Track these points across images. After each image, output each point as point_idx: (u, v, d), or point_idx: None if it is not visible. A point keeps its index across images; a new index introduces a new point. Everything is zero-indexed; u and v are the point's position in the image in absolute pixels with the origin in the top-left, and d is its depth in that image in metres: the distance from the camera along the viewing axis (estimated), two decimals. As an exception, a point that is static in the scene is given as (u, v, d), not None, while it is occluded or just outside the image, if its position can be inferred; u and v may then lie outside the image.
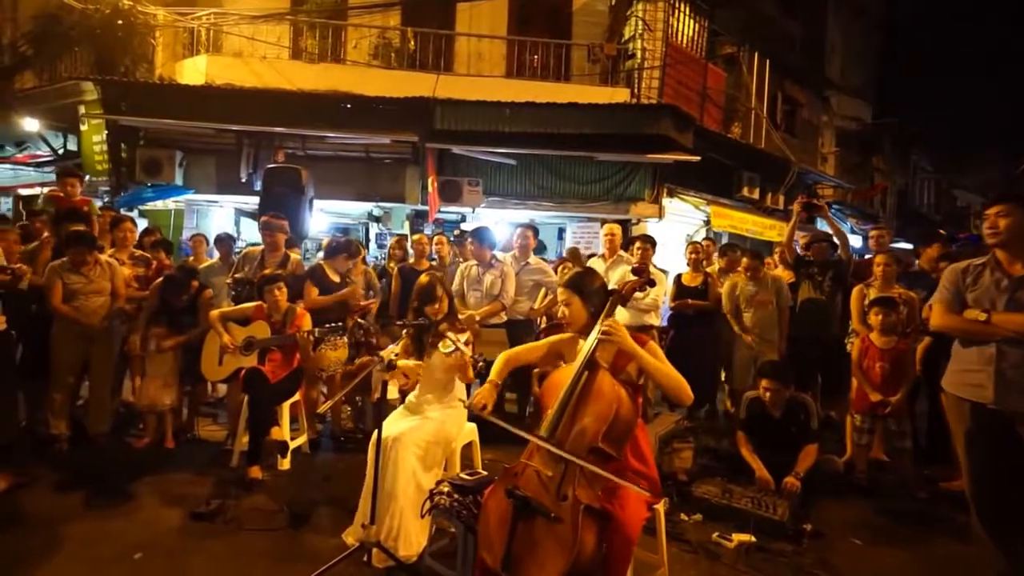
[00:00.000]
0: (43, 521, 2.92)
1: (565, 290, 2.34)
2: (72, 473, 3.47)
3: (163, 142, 7.81)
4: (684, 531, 3.03)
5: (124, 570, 2.54)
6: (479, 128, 7.09)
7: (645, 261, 4.33)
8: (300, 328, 3.76)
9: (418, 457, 2.77)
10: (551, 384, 2.27)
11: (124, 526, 2.91)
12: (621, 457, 2.17)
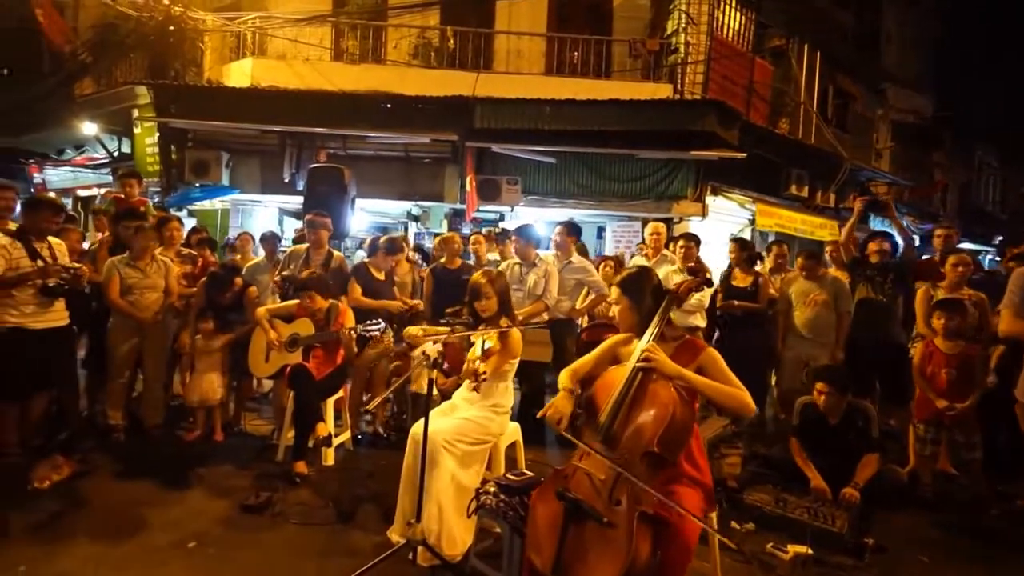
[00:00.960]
0: (103, 508, 3.03)
1: (616, 290, 2.27)
2: (128, 463, 3.59)
3: (210, 143, 8.07)
4: (736, 541, 2.91)
5: (180, 558, 2.60)
6: (518, 126, 7.05)
7: (690, 259, 4.19)
8: (343, 325, 3.80)
9: (456, 456, 2.74)
10: (603, 385, 2.20)
11: (178, 515, 2.99)
12: (676, 463, 2.09)
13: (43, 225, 3.61)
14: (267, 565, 2.59)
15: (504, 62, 8.28)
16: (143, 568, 2.50)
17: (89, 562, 2.52)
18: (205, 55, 8.78)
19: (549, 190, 7.72)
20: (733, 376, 2.14)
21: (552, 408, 2.11)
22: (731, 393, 2.09)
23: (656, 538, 1.90)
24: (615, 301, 2.26)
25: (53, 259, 3.58)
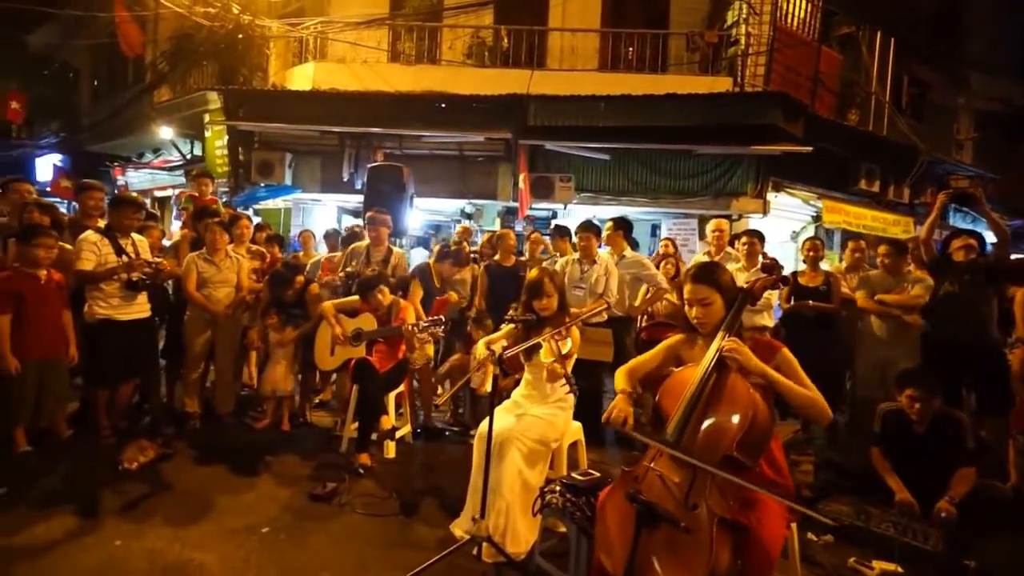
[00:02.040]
0: (183, 490, 3.20)
1: (702, 286, 2.15)
2: (204, 449, 3.78)
3: (275, 145, 8.41)
4: (814, 553, 2.75)
5: (254, 542, 2.71)
6: (572, 123, 6.98)
7: (754, 257, 4.00)
8: (404, 321, 3.85)
9: (523, 454, 2.73)
10: (673, 386, 2.11)
11: (251, 501, 3.11)
12: (756, 467, 1.99)
13: (126, 222, 3.86)
14: (336, 553, 2.65)
15: (558, 59, 8.22)
16: (222, 549, 2.62)
17: (175, 541, 2.66)
18: (270, 60, 9.17)
19: (602, 187, 7.60)
20: (808, 380, 2.03)
21: (615, 410, 2.06)
22: (812, 398, 1.98)
23: (736, 546, 1.82)
24: (702, 299, 2.15)
25: (136, 255, 3.83)
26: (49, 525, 2.74)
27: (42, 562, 2.46)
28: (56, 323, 3.53)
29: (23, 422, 3.43)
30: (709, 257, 4.43)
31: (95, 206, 4.21)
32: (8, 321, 3.29)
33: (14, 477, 3.16)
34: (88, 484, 3.17)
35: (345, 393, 4.19)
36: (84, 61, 14.20)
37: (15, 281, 3.34)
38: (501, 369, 2.70)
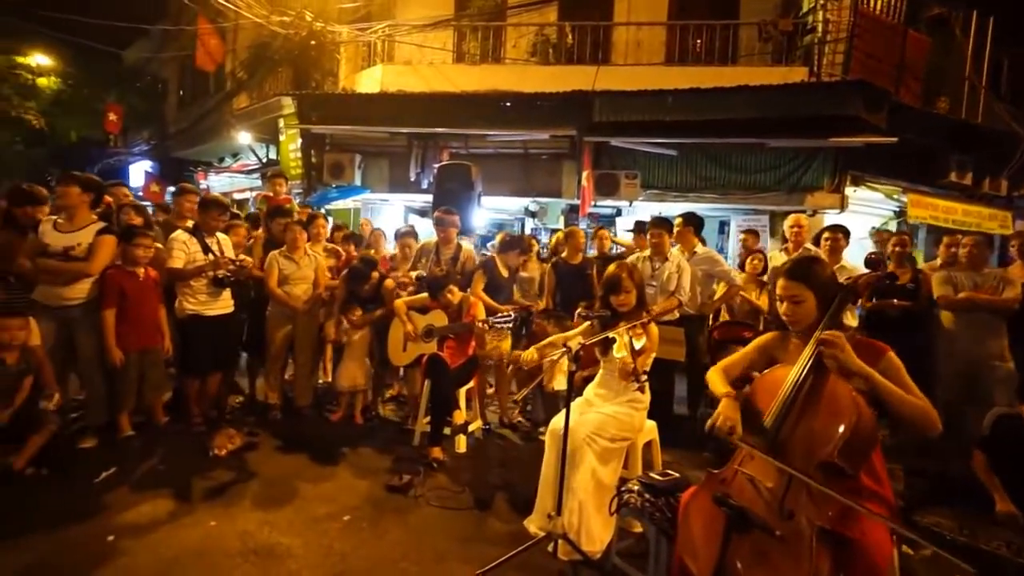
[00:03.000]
0: (268, 477, 3.37)
1: (793, 283, 2.04)
2: (285, 439, 3.96)
3: (345, 147, 8.74)
4: (913, 569, 2.56)
5: (337, 529, 2.82)
6: (638, 119, 6.83)
7: (837, 254, 3.77)
8: (474, 317, 3.90)
9: (597, 452, 2.70)
10: (766, 387, 2.01)
11: (331, 490, 3.24)
12: (857, 476, 1.87)
13: (212, 223, 4.10)
14: (414, 544, 2.71)
15: (623, 54, 8.07)
16: (307, 535, 2.74)
17: (264, 524, 2.81)
18: (341, 65, 9.52)
19: (669, 183, 7.41)
20: (916, 387, 1.87)
21: (721, 417, 1.93)
22: (922, 408, 1.82)
23: (838, 560, 1.71)
24: (793, 297, 2.04)
25: (221, 253, 4.06)
26: (152, 504, 2.97)
27: (148, 538, 2.66)
28: (153, 317, 3.79)
29: (127, 408, 3.73)
30: (786, 254, 4.22)
31: (190, 208, 4.50)
32: (113, 315, 3.56)
33: (119, 459, 3.44)
34: (183, 468, 3.40)
35: (416, 388, 4.30)
36: (171, 73, 15.33)
37: (118, 278, 3.61)
38: (576, 364, 2.69)
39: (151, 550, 2.56)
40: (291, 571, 2.45)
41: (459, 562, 2.59)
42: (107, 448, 3.59)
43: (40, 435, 3.17)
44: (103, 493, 3.07)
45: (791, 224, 4.28)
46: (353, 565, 2.52)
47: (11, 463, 3.09)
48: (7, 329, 3.09)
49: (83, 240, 3.53)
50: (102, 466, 3.32)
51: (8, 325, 3.10)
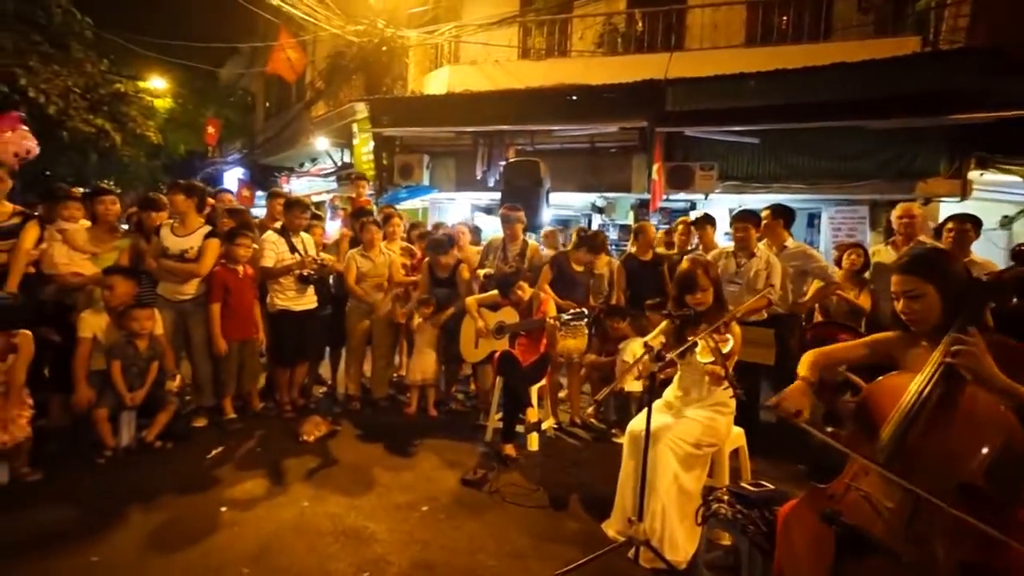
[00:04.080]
0: (352, 465, 3.51)
1: (910, 276, 1.82)
2: (365, 429, 4.12)
3: (414, 148, 8.97)
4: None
5: (416, 519, 2.88)
6: (715, 106, 6.50)
7: (965, 247, 3.36)
8: (545, 314, 3.86)
9: (679, 457, 2.58)
10: (885, 391, 1.79)
11: (410, 480, 3.32)
12: (1013, 504, 1.61)
13: (296, 221, 4.35)
14: (491, 539, 2.72)
15: (698, 38, 7.73)
16: (389, 521, 2.82)
17: (351, 509, 2.93)
18: (410, 69, 9.79)
19: (750, 174, 6.97)
20: None
21: (788, 399, 1.80)
22: None
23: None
24: (911, 292, 1.82)
25: (304, 252, 4.30)
26: (254, 482, 3.20)
27: (252, 512, 2.86)
28: (250, 310, 4.10)
29: (229, 393, 4.05)
30: (894, 248, 3.83)
31: (279, 210, 4.82)
32: (218, 308, 3.89)
33: (225, 438, 3.77)
34: (277, 450, 3.65)
35: (487, 385, 4.32)
36: (259, 87, 16.47)
37: (222, 275, 3.93)
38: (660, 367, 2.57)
39: (255, 523, 2.75)
40: (377, 555, 2.54)
41: (536, 560, 2.56)
42: (215, 428, 3.94)
43: (166, 412, 3.59)
44: (214, 468, 3.37)
45: (900, 214, 3.85)
46: (434, 554, 2.57)
47: (145, 436, 3.54)
48: (138, 320, 3.48)
49: (194, 244, 3.91)
50: (212, 444, 3.68)
51: (139, 316, 3.48)
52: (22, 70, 7.46)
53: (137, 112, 9.89)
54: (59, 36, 8.47)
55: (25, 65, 7.56)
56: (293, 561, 2.45)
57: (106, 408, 3.38)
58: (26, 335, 3.07)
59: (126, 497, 2.93)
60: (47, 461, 3.21)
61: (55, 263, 3.63)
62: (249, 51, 13.96)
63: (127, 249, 3.92)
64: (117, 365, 3.42)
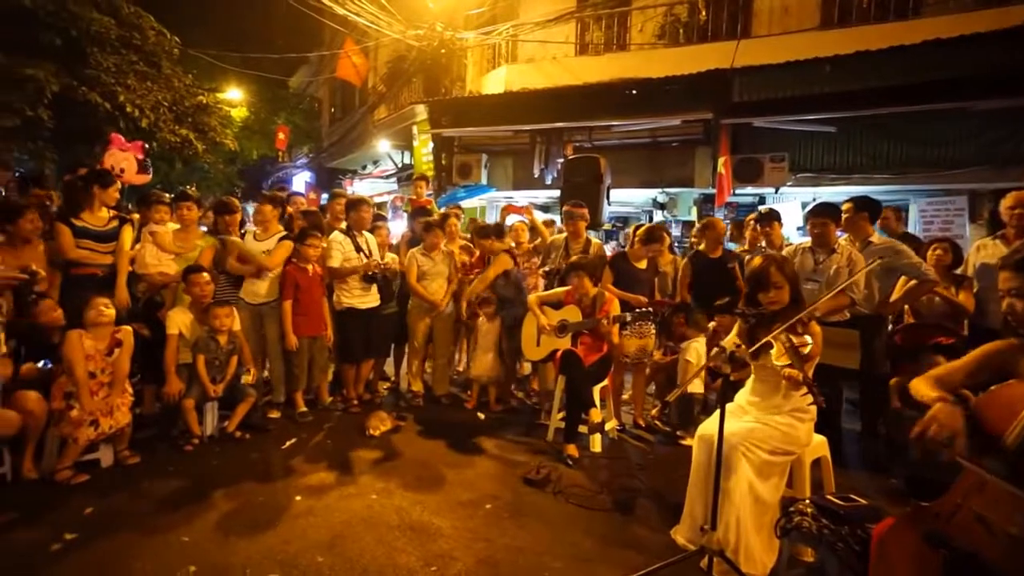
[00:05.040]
0: (416, 460, 3.57)
1: (1018, 274, 1.64)
2: (427, 425, 4.18)
3: (472, 148, 9.07)
4: None
5: (480, 516, 2.89)
6: (786, 94, 6.14)
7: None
8: (607, 313, 3.77)
9: (755, 465, 2.44)
10: (999, 402, 1.62)
11: (472, 477, 3.34)
12: None
13: (360, 220, 4.47)
14: (556, 540, 2.68)
15: (766, 24, 7.33)
16: (454, 519, 2.84)
17: (417, 504, 2.97)
18: (468, 69, 9.90)
19: (826, 164, 6.54)
20: None
21: (936, 423, 1.53)
22: None
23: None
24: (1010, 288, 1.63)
25: (368, 251, 4.41)
26: (325, 473, 3.32)
27: (324, 502, 2.96)
28: (319, 308, 4.25)
29: (300, 387, 4.23)
30: (1003, 242, 3.46)
31: (341, 210, 4.99)
32: (290, 305, 4.07)
33: (297, 431, 3.94)
34: (345, 443, 3.77)
35: (549, 384, 4.29)
36: (325, 93, 17.23)
37: (294, 273, 4.10)
38: (733, 369, 2.44)
39: (327, 513, 2.85)
40: (443, 550, 2.57)
41: (603, 564, 2.51)
42: (287, 421, 4.13)
43: (245, 404, 3.80)
44: (288, 458, 3.53)
45: (1011, 204, 3.45)
46: (498, 552, 2.56)
47: (226, 426, 3.77)
48: (218, 317, 3.71)
49: (271, 247, 4.14)
50: (285, 435, 3.85)
51: (219, 314, 3.71)
52: (122, 88, 8.15)
53: (217, 122, 10.60)
54: (152, 55, 9.20)
55: (124, 83, 8.27)
56: (363, 552, 2.52)
57: (193, 398, 3.61)
58: (128, 330, 3.35)
59: (211, 482, 3.12)
60: (142, 445, 3.48)
61: (145, 263, 3.93)
62: (316, 60, 14.63)
63: (208, 249, 4.17)
64: (201, 359, 3.65)
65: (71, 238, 3.61)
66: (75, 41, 7.84)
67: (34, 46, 7.41)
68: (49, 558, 2.41)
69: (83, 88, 7.75)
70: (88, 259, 3.68)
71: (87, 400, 3.08)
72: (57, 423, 3.07)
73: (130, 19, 8.89)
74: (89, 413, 3.07)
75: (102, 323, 3.22)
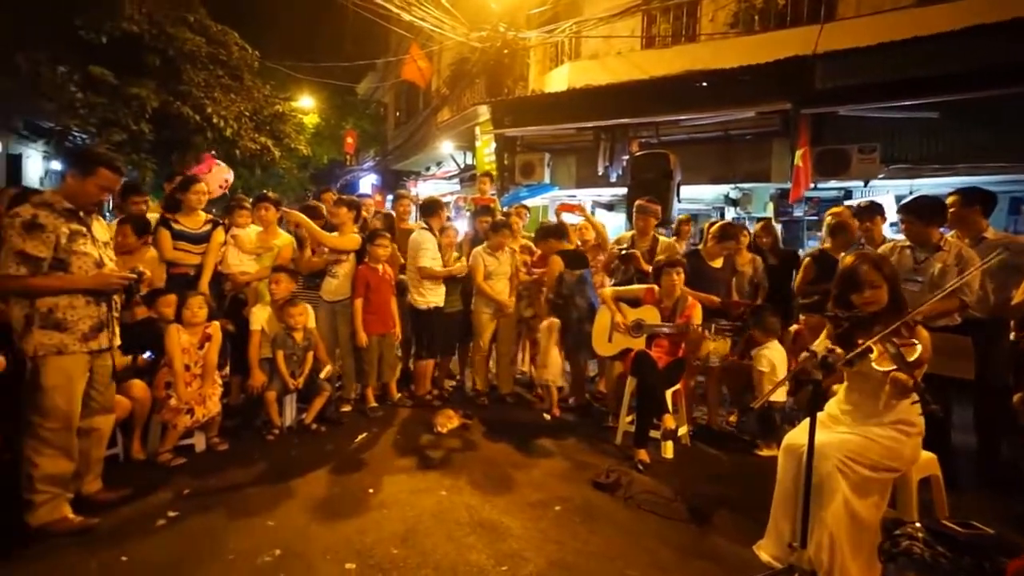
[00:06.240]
0: (484, 459, 3.58)
1: None
2: (492, 424, 4.18)
3: (535, 147, 9.03)
4: None
5: (549, 517, 2.84)
6: (877, 79, 5.65)
7: None
8: (690, 319, 3.62)
9: (851, 480, 2.24)
10: None
11: (539, 478, 3.30)
12: None
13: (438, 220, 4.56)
14: (630, 546, 2.60)
15: (854, 5, 6.80)
16: (523, 519, 2.81)
17: (486, 502, 2.98)
18: (530, 68, 9.88)
19: (925, 154, 5.96)
20: None
21: None
22: None
23: None
24: None
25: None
26: (396, 468, 3.39)
27: (396, 496, 3.02)
28: (388, 306, 4.36)
29: (371, 383, 4.36)
30: None
31: (404, 211, 5.17)
32: (360, 304, 4.19)
33: (368, 425, 4.06)
34: (414, 439, 3.85)
35: (616, 385, 4.18)
36: (391, 98, 17.82)
37: (365, 272, 4.23)
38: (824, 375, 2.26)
39: (399, 507, 2.91)
40: (513, 550, 2.55)
41: (680, 575, 2.39)
42: (359, 415, 4.27)
43: (320, 398, 3.96)
44: (360, 452, 3.65)
45: None
46: (570, 556, 2.51)
47: (303, 419, 3.94)
48: (292, 315, 3.88)
49: None
50: (357, 429, 3.98)
51: (292, 312, 3.88)
52: (209, 101, 8.79)
53: (291, 129, 11.19)
54: (235, 69, 9.85)
55: (212, 96, 8.91)
56: (436, 547, 2.54)
57: (274, 391, 3.80)
58: (216, 326, 3.57)
59: (291, 471, 3.27)
60: (230, 433, 3.70)
61: (228, 264, 4.17)
62: (383, 66, 15.11)
63: (285, 247, 4.36)
64: (280, 354, 3.83)
65: (170, 240, 3.90)
66: (171, 60, 8.53)
67: (139, 67, 8.13)
68: (157, 531, 2.63)
69: (177, 103, 8.41)
70: (182, 260, 3.96)
71: (183, 390, 3.32)
72: (159, 410, 3.33)
73: (217, 36, 9.56)
74: (185, 402, 3.31)
75: (196, 323, 3.45)
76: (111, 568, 2.34)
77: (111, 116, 7.79)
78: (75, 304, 2.53)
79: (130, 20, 8.24)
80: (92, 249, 2.60)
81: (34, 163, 11.82)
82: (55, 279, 2.49)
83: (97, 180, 2.56)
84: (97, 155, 2.67)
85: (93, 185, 2.56)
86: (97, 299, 2.60)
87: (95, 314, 2.59)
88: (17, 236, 2.40)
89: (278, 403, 3.84)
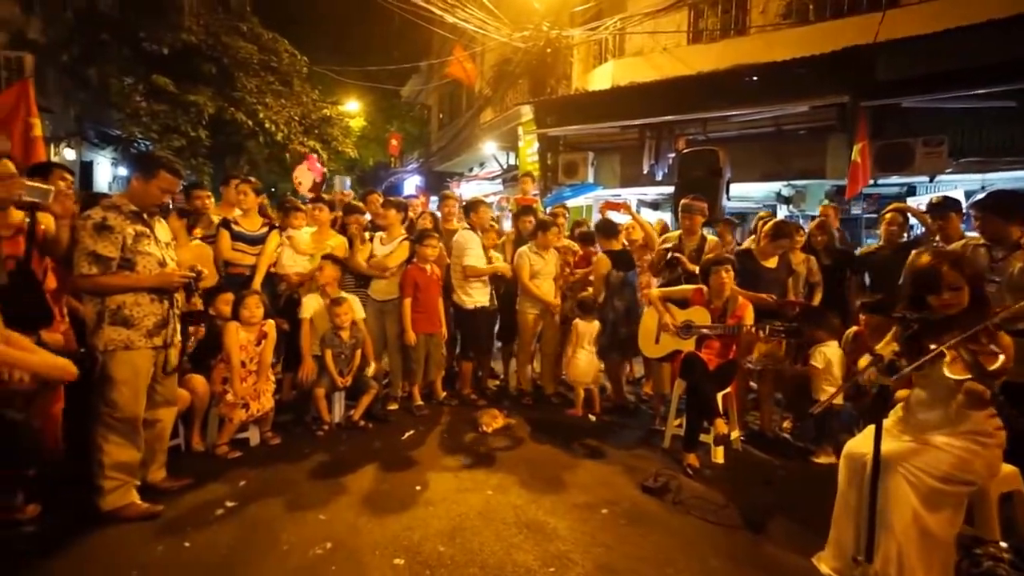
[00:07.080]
0: (528, 459, 3.57)
1: None
2: (536, 424, 4.16)
3: (578, 146, 8.96)
4: None
5: (597, 520, 2.80)
6: (947, 67, 5.31)
7: None
8: (741, 320, 3.49)
9: (921, 492, 2.11)
10: None
11: (586, 480, 3.27)
12: None
13: (481, 214, 4.63)
14: (681, 553, 2.53)
15: (922, -11, 6.42)
16: (570, 521, 2.78)
17: (532, 503, 2.96)
18: (574, 67, 9.80)
19: (1000, 146, 5.56)
20: None
21: None
22: None
23: None
24: None
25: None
26: (442, 466, 3.42)
27: (442, 494, 3.05)
28: (436, 306, 4.40)
29: (418, 381, 4.42)
30: None
31: (450, 211, 5.24)
32: (409, 303, 4.25)
33: (415, 423, 4.13)
34: (460, 438, 3.88)
35: (664, 387, 4.09)
36: (434, 100, 18.07)
37: (413, 272, 4.29)
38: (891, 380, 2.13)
39: (446, 505, 2.93)
40: (560, 551, 2.52)
41: (734, 585, 2.32)
42: (405, 413, 4.33)
43: (368, 395, 4.05)
44: (407, 449, 3.70)
45: None
46: (618, 560, 2.47)
47: (352, 416, 4.01)
48: (338, 314, 3.97)
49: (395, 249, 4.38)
50: (404, 427, 4.04)
51: (339, 311, 3.97)
52: (261, 106, 9.17)
53: (339, 132, 11.53)
54: (285, 75, 10.24)
55: (264, 102, 9.30)
56: (483, 546, 2.55)
57: (323, 388, 3.90)
58: (272, 324, 3.70)
59: (341, 467, 3.35)
60: (282, 428, 3.82)
61: (283, 264, 4.31)
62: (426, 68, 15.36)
63: (338, 247, 4.44)
64: (329, 352, 3.92)
65: (228, 241, 4.07)
66: (225, 68, 8.94)
67: (196, 75, 8.57)
68: (217, 520, 2.73)
69: (231, 108, 8.81)
70: (239, 260, 4.12)
71: (239, 386, 3.45)
72: (217, 404, 3.48)
73: (268, 44, 9.97)
74: (241, 397, 3.44)
75: (253, 321, 3.58)
76: (176, 553, 2.46)
77: (171, 123, 8.24)
78: (140, 302, 2.67)
79: (188, 31, 8.69)
80: (155, 249, 2.74)
81: (103, 169, 12.64)
82: (123, 278, 2.63)
83: (159, 183, 2.70)
84: (158, 159, 2.82)
85: (155, 187, 2.70)
86: (160, 297, 2.74)
87: (159, 311, 2.73)
88: (89, 237, 2.56)
89: (327, 400, 3.94)
